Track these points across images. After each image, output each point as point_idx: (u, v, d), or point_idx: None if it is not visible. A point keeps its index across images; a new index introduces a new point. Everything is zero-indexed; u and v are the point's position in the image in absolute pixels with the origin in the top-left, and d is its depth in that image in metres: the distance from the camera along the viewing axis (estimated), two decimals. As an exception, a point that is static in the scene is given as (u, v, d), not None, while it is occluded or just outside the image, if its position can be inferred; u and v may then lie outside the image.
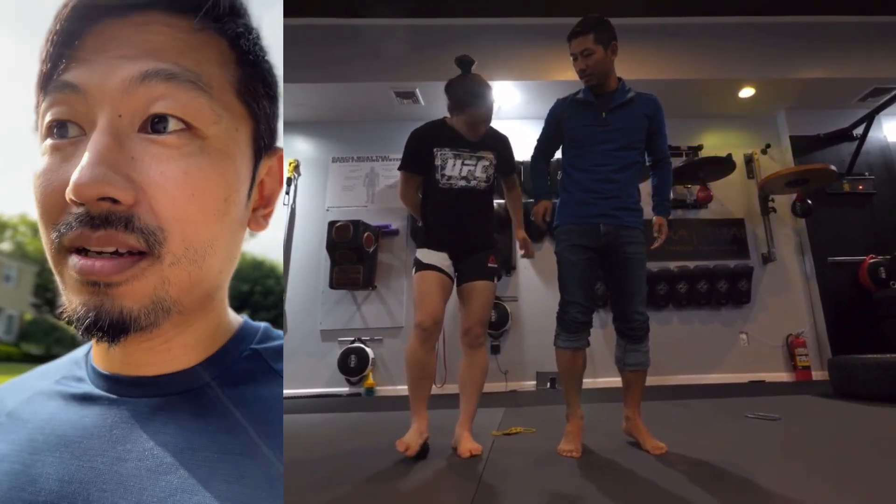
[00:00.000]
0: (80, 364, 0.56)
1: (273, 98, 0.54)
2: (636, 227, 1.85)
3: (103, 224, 0.43)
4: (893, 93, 4.26)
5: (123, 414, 0.50)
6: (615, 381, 2.38)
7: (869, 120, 4.41)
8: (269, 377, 0.53)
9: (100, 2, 0.45)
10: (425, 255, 1.94)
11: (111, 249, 0.44)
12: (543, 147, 2.05)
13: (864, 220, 4.60)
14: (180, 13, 0.46)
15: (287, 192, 4.81)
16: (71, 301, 0.46)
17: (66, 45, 0.45)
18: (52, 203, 0.45)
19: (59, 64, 0.45)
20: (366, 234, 4.42)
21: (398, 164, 2.04)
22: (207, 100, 0.46)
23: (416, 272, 1.93)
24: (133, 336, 0.47)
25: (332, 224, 4.43)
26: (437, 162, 1.95)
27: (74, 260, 0.45)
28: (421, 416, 1.85)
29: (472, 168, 1.96)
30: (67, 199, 0.43)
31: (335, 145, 5.01)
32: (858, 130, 4.56)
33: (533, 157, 2.07)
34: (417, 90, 4.49)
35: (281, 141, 0.57)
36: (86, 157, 0.43)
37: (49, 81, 0.46)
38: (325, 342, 4.51)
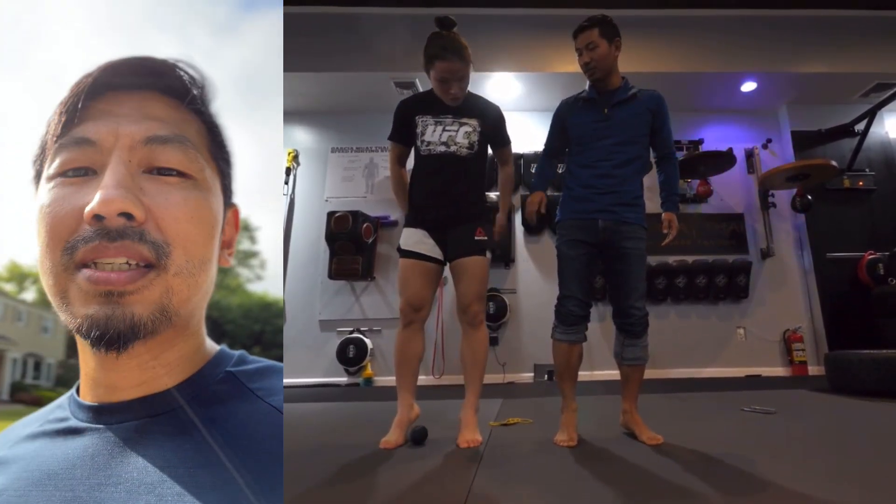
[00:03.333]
0: (63, 406, 0.59)
1: (230, 166, 0.65)
2: (635, 222, 1.85)
3: (120, 237, 0.50)
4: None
5: (105, 441, 0.53)
6: (613, 373, 2.40)
7: (870, 115, 4.39)
8: (245, 396, 0.56)
9: (112, 79, 0.55)
10: (405, 236, 1.93)
11: (122, 260, 0.51)
12: (550, 147, 2.07)
13: (863, 216, 4.60)
14: (169, 96, 0.58)
15: (286, 182, 4.81)
16: (79, 314, 0.51)
17: (76, 110, 0.54)
18: (65, 224, 0.51)
19: (70, 125, 0.54)
20: (365, 225, 4.41)
21: None
22: (195, 154, 0.57)
23: (399, 257, 1.94)
24: (136, 345, 0.52)
25: (330, 214, 4.43)
26: (418, 129, 1.93)
27: (88, 273, 0.50)
28: (404, 405, 1.88)
29: (452, 133, 1.91)
30: (88, 216, 0.50)
31: (334, 135, 4.99)
32: (860, 126, 4.56)
33: (540, 157, 2.10)
34: (417, 80, 4.46)
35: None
36: (108, 180, 0.51)
37: (61, 137, 0.54)
38: (323, 332, 4.52)
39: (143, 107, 0.56)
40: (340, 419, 2.63)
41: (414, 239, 1.91)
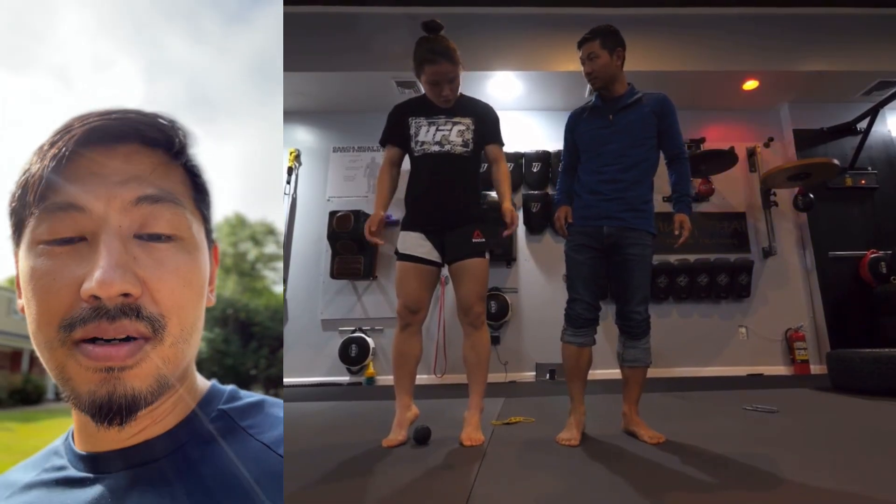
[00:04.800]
0: (59, 453, 0.60)
1: (210, 208, 0.66)
2: (641, 228, 1.86)
3: (118, 316, 0.50)
4: (898, 86, 4.24)
5: (104, 490, 0.53)
6: (613, 373, 2.40)
7: (873, 114, 4.39)
8: (237, 435, 0.56)
9: (93, 134, 0.54)
10: (403, 240, 1.93)
11: (122, 336, 0.50)
12: (566, 162, 2.08)
13: (865, 214, 4.60)
14: (151, 147, 0.57)
15: (288, 182, 4.81)
16: (81, 392, 0.50)
17: (59, 170, 0.52)
18: (59, 300, 0.50)
19: (55, 187, 0.52)
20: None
21: None
22: (183, 212, 0.57)
23: (396, 260, 1.94)
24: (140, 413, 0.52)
25: (332, 214, 4.44)
26: (412, 131, 1.94)
27: (88, 348, 0.50)
28: (402, 406, 1.89)
29: (446, 133, 1.91)
30: (85, 294, 0.49)
31: (336, 135, 5.00)
32: (862, 124, 4.55)
33: (560, 174, 2.12)
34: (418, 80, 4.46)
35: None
36: (104, 260, 0.50)
37: (45, 199, 0.52)
38: (325, 332, 4.53)
39: (129, 162, 0.55)
40: (343, 418, 2.63)
41: (411, 242, 1.91)
